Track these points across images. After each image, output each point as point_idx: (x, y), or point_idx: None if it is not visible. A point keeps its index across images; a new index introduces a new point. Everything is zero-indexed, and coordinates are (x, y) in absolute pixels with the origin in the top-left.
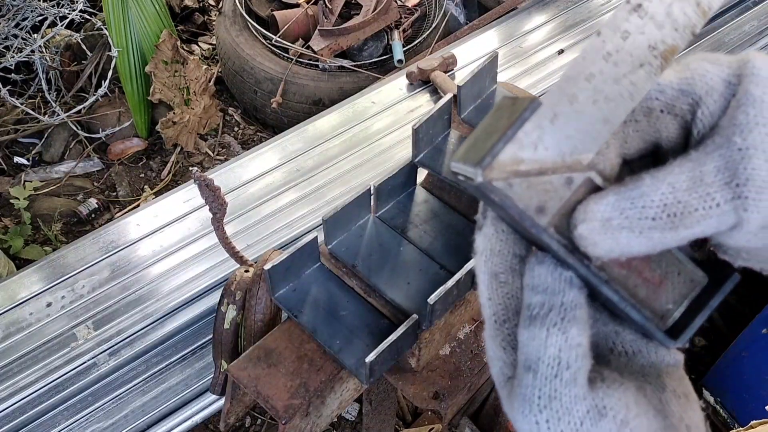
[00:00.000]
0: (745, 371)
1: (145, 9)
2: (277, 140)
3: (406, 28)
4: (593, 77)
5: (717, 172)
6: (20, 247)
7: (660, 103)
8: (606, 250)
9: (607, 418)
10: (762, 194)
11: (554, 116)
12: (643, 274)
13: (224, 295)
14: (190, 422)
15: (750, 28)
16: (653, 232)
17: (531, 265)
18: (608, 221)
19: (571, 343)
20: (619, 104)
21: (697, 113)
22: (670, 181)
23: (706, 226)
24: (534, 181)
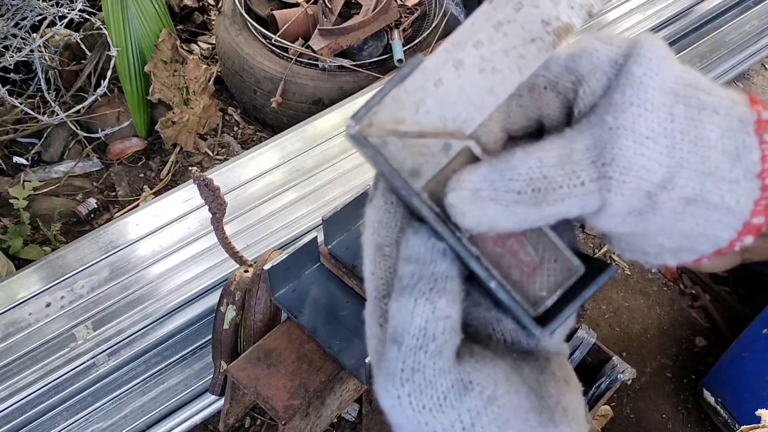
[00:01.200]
0: (745, 371)
1: (145, 8)
2: (277, 140)
3: (406, 28)
4: (481, 45)
5: (586, 150)
6: (19, 247)
7: (544, 79)
8: (474, 222)
9: (473, 392)
10: (626, 175)
11: (439, 80)
12: (518, 255)
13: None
14: (190, 422)
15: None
16: (518, 206)
17: (406, 236)
18: (477, 192)
19: (439, 315)
20: (506, 77)
21: (579, 91)
22: (539, 156)
23: (571, 205)
24: (411, 143)
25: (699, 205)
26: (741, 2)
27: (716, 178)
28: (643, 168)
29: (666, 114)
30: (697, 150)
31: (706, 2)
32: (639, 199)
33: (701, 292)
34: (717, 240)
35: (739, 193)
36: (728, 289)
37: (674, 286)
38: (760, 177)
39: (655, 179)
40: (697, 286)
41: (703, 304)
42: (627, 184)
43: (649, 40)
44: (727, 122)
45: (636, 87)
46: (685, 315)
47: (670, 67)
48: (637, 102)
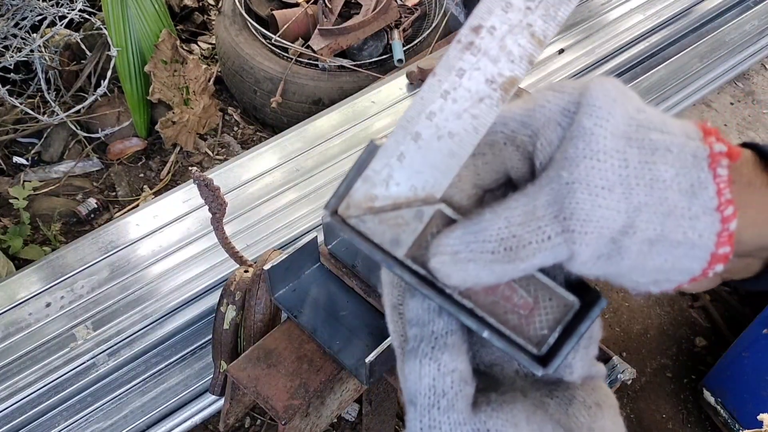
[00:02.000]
0: (745, 371)
1: (145, 8)
2: (277, 140)
3: (406, 28)
4: (434, 115)
5: (547, 206)
6: (19, 247)
7: (503, 135)
8: (460, 281)
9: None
10: (587, 227)
11: (401, 155)
12: (512, 300)
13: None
14: (190, 423)
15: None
16: (495, 264)
17: (405, 300)
18: (456, 254)
19: (444, 371)
20: (463, 138)
21: (537, 145)
22: (507, 216)
23: (543, 259)
24: (385, 217)
25: (663, 244)
26: (741, 2)
27: (676, 217)
28: (602, 218)
29: (620, 161)
30: (654, 192)
31: (706, 2)
32: (604, 245)
33: (701, 293)
34: (689, 271)
35: (701, 228)
36: (728, 289)
37: None
38: (718, 210)
39: (615, 226)
40: None
41: (704, 304)
42: (589, 235)
43: (598, 86)
44: (680, 160)
45: (587, 139)
46: (685, 315)
47: (622, 110)
48: (590, 154)
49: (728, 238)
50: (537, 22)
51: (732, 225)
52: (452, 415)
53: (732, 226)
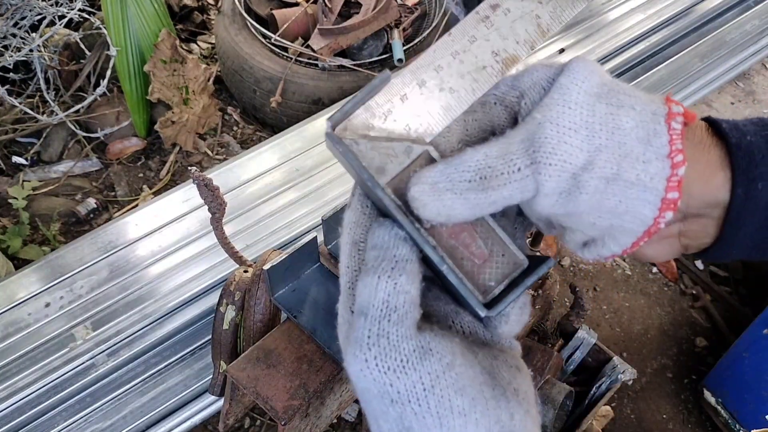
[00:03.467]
0: (746, 372)
1: (144, 8)
2: (277, 140)
3: (406, 27)
4: (441, 69)
5: (521, 142)
6: (18, 247)
7: (494, 96)
8: (434, 212)
9: (433, 358)
10: (551, 158)
11: (404, 96)
12: (470, 248)
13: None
14: (189, 423)
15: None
16: (470, 193)
17: (372, 229)
18: (435, 184)
19: (400, 290)
20: (461, 96)
21: (521, 103)
22: (485, 151)
23: (512, 190)
24: (378, 145)
25: (618, 184)
26: (741, 2)
27: (631, 160)
28: (565, 153)
29: (587, 111)
30: (614, 137)
31: (706, 2)
32: (566, 180)
33: (702, 293)
34: (642, 217)
35: (652, 171)
36: (729, 290)
37: (675, 286)
38: (669, 157)
39: (577, 162)
40: (697, 286)
41: (704, 305)
42: (553, 167)
43: (580, 59)
44: (641, 116)
45: (562, 91)
46: (685, 315)
47: (597, 77)
48: (562, 102)
49: (677, 183)
50: (545, 15)
51: (680, 171)
52: (400, 329)
53: (680, 171)
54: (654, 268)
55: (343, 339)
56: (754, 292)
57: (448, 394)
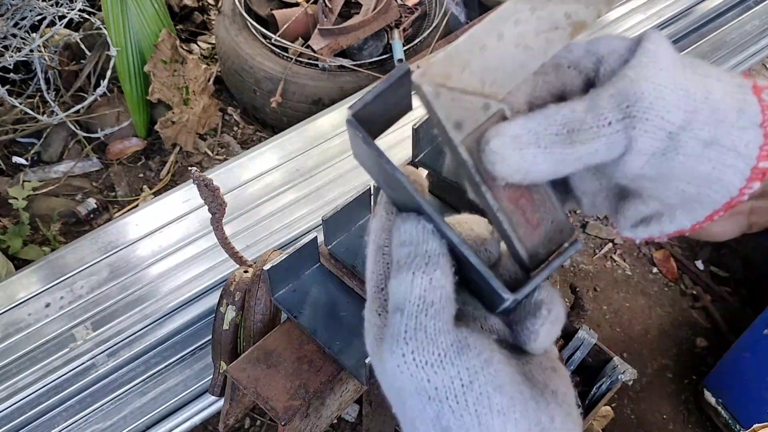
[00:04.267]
0: (746, 372)
1: (144, 8)
2: (277, 140)
3: (406, 28)
4: (520, 23)
5: (610, 98)
6: (19, 248)
7: (567, 59)
8: (513, 168)
9: (471, 352)
10: (648, 113)
11: (484, 46)
12: (525, 213)
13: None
14: (189, 423)
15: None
16: (555, 146)
17: (396, 224)
18: (518, 137)
19: (435, 285)
20: (535, 55)
21: (600, 69)
22: (571, 106)
23: (600, 144)
24: (459, 98)
25: (715, 148)
26: (742, 2)
27: (727, 125)
28: (663, 109)
29: (678, 73)
30: (708, 102)
31: (706, 2)
32: (661, 139)
33: (702, 293)
34: (729, 187)
35: (747, 138)
36: (729, 290)
37: (675, 286)
38: (761, 126)
39: (676, 120)
40: (698, 286)
41: (704, 305)
42: (650, 122)
43: (655, 31)
44: (728, 86)
45: (651, 55)
46: (686, 315)
47: (674, 50)
48: (653, 63)
49: None
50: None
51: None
52: (438, 323)
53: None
54: (654, 268)
55: (372, 341)
56: (755, 292)
57: (486, 391)
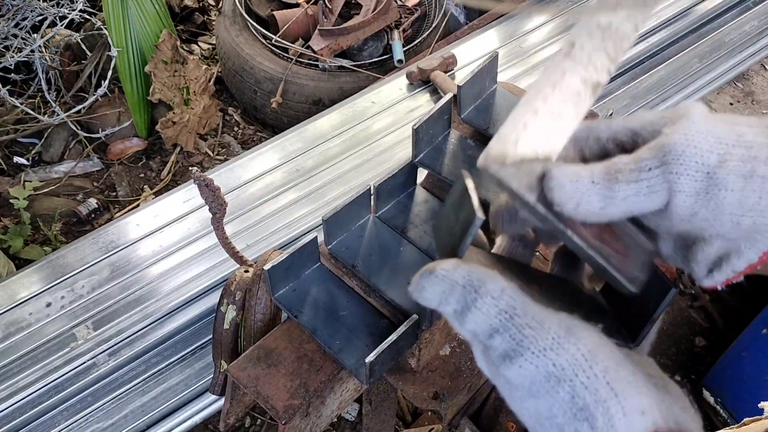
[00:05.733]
0: (745, 371)
1: (145, 9)
2: (277, 140)
3: (406, 28)
4: (547, 98)
5: (649, 149)
6: (20, 247)
7: (606, 134)
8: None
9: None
10: (682, 159)
11: (525, 124)
12: (612, 245)
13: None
14: (190, 422)
15: (750, 28)
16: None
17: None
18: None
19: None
20: (568, 120)
21: (638, 141)
22: (619, 158)
23: (641, 187)
24: (520, 167)
25: (756, 180)
26: (741, 2)
27: (763, 159)
28: (696, 154)
29: (709, 124)
30: (740, 142)
31: (706, 2)
32: (701, 180)
33: (701, 292)
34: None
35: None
36: (728, 290)
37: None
38: None
39: (710, 161)
40: (696, 285)
41: (703, 304)
42: (684, 166)
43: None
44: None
45: (683, 116)
46: (684, 315)
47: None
48: (686, 120)
49: None
50: (609, 47)
51: None
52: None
53: None
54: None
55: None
56: (754, 292)
57: (610, 364)
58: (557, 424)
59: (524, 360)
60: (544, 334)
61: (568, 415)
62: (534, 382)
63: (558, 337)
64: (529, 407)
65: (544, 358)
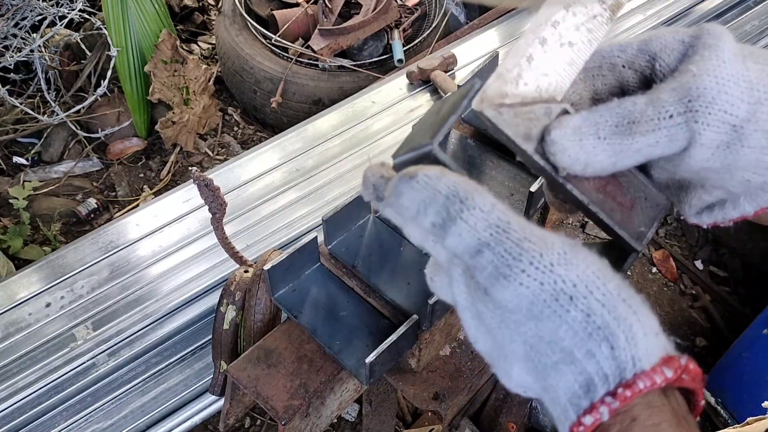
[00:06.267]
0: (745, 372)
1: (145, 8)
2: (277, 140)
3: (406, 28)
4: (558, 24)
5: (672, 91)
6: (19, 247)
7: (622, 59)
8: (572, 158)
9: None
10: (711, 108)
11: (530, 56)
12: (616, 198)
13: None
14: (190, 423)
15: (750, 28)
16: (615, 137)
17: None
18: (578, 128)
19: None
20: (581, 48)
21: (655, 65)
22: (633, 100)
23: (660, 137)
24: (520, 111)
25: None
26: (741, 2)
27: None
28: (727, 103)
29: (741, 65)
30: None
31: (706, 2)
32: (726, 132)
33: (701, 293)
34: None
35: None
36: (728, 290)
37: (674, 286)
38: None
39: (739, 113)
40: (697, 286)
41: (704, 305)
42: (712, 116)
43: (713, 25)
44: None
45: (712, 49)
46: (685, 315)
47: (734, 39)
48: (716, 57)
49: None
50: None
51: None
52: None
53: None
54: (653, 268)
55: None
56: (754, 292)
57: (621, 285)
58: (563, 348)
59: (526, 276)
60: (549, 249)
61: (581, 335)
62: (536, 302)
63: (565, 253)
64: (525, 332)
65: (551, 273)
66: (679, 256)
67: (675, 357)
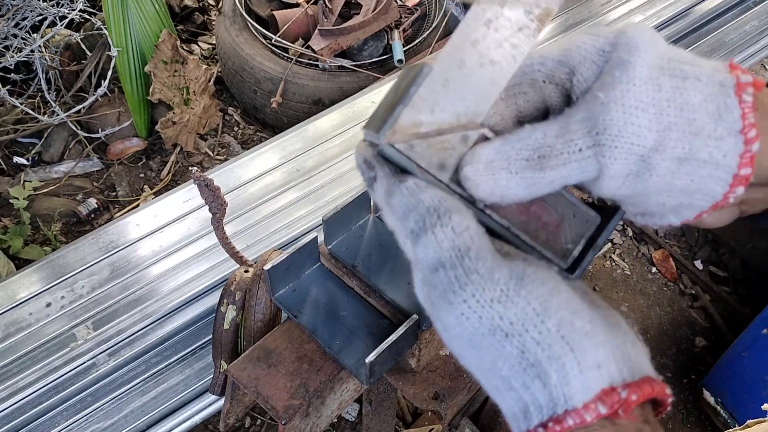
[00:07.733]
0: (745, 372)
1: (145, 9)
2: (277, 140)
3: (406, 28)
4: (477, 43)
5: (581, 122)
6: (20, 247)
7: (542, 74)
8: (488, 192)
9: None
10: (617, 141)
11: (446, 80)
12: (541, 218)
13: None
14: (190, 422)
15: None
16: (526, 172)
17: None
18: (491, 163)
19: (459, 229)
20: (503, 66)
21: (573, 80)
22: (543, 130)
23: (571, 170)
24: (433, 142)
25: (690, 163)
26: (741, 2)
27: (703, 137)
28: (633, 134)
29: (653, 86)
30: (683, 114)
31: (706, 2)
32: (634, 163)
33: (701, 292)
34: (712, 194)
35: (725, 148)
36: (728, 290)
37: (674, 286)
38: (742, 133)
39: (646, 143)
40: (696, 286)
41: (703, 304)
42: (619, 149)
43: (634, 28)
44: (708, 88)
45: (624, 67)
46: (685, 315)
47: (655, 46)
48: (626, 79)
49: (750, 159)
50: None
51: (754, 147)
52: (485, 261)
53: (754, 147)
54: (653, 267)
55: (430, 306)
56: (754, 292)
57: (565, 315)
58: (503, 377)
59: (467, 307)
60: (492, 285)
61: (516, 369)
62: (475, 334)
63: (507, 290)
64: (469, 357)
65: (489, 309)
66: (678, 256)
67: (616, 389)
